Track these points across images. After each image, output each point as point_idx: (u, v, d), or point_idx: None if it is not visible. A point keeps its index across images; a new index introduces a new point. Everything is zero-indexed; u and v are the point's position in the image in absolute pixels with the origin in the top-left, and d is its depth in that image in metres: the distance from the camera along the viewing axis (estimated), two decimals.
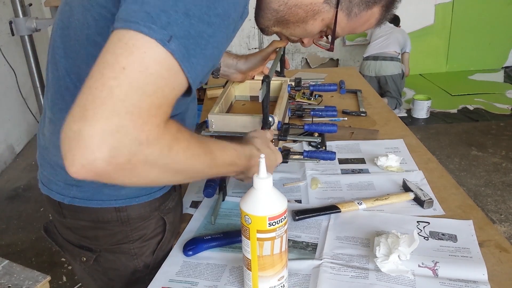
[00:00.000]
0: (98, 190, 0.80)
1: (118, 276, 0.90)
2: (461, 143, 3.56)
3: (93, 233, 0.84)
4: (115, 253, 0.86)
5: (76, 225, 0.85)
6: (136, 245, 0.86)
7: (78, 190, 0.80)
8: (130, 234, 0.85)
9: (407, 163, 1.19)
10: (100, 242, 0.85)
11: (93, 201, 0.80)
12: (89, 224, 0.83)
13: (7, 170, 3.38)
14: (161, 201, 0.87)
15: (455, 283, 0.76)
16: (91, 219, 0.82)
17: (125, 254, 0.87)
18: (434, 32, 5.10)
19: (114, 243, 0.85)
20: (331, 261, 0.83)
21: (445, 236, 0.89)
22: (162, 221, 0.88)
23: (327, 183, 1.11)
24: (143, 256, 0.88)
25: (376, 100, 1.71)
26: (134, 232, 0.85)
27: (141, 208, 0.84)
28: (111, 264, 0.88)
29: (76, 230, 0.86)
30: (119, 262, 0.87)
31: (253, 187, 0.68)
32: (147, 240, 0.87)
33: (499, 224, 2.56)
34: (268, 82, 0.88)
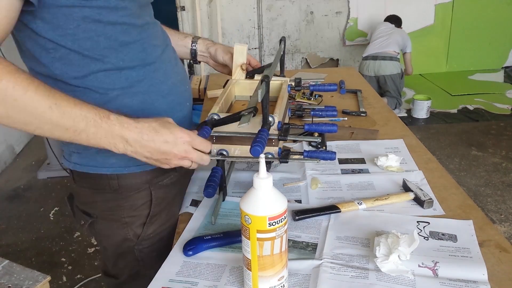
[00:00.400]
0: (93, 157, 0.88)
1: (111, 244, 0.98)
2: (461, 143, 3.56)
3: (92, 199, 0.93)
4: (108, 221, 0.94)
5: (81, 191, 0.95)
6: (127, 214, 0.93)
7: (77, 156, 0.89)
8: (121, 203, 0.91)
9: (407, 163, 1.19)
10: (97, 208, 0.94)
11: (89, 167, 0.89)
12: (89, 190, 0.93)
13: (7, 170, 3.38)
14: (154, 175, 0.92)
15: (455, 283, 0.76)
16: (91, 185, 0.91)
17: (116, 222, 0.93)
18: (434, 32, 5.10)
19: (107, 210, 0.93)
20: (331, 261, 0.83)
21: (445, 236, 0.89)
22: (150, 195, 0.92)
23: (327, 183, 1.11)
24: (133, 226, 0.94)
25: (376, 100, 1.71)
26: (124, 201, 0.91)
27: (131, 178, 0.90)
28: (105, 231, 0.96)
29: (81, 196, 0.96)
30: (111, 229, 0.95)
31: (253, 187, 0.68)
32: (136, 210, 0.93)
33: (499, 224, 2.56)
34: (267, 82, 0.88)
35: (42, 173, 3.21)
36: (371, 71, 4.05)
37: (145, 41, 0.86)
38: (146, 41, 0.87)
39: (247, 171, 1.18)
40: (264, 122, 0.93)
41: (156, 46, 0.89)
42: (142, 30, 0.85)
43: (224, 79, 1.22)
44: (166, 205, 0.98)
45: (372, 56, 4.04)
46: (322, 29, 5.01)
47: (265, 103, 0.91)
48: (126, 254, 0.99)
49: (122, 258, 1.01)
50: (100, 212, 0.94)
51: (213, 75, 2.16)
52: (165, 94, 0.91)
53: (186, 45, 1.18)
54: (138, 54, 0.85)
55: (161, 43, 0.92)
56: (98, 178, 0.90)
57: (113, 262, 1.03)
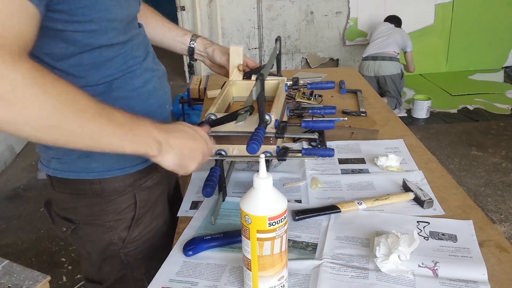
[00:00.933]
0: (73, 162, 0.86)
1: (95, 249, 0.97)
2: (461, 143, 3.56)
3: (73, 204, 0.92)
4: (92, 226, 0.93)
5: (61, 196, 0.92)
6: (111, 218, 0.92)
7: (57, 162, 0.88)
8: (104, 207, 0.91)
9: (407, 163, 1.19)
10: (79, 213, 0.92)
11: (70, 172, 0.87)
12: (70, 196, 0.91)
13: (7, 170, 3.38)
14: (137, 177, 0.92)
15: (455, 283, 0.76)
16: (71, 191, 0.90)
17: (101, 227, 0.93)
18: (434, 32, 5.11)
19: (90, 215, 0.92)
20: (331, 261, 0.83)
21: (445, 236, 0.89)
22: (134, 198, 0.92)
23: (327, 183, 1.11)
24: (118, 229, 0.93)
25: (376, 100, 1.71)
26: (108, 205, 0.91)
27: (114, 182, 0.89)
28: (88, 236, 0.95)
29: (60, 202, 0.94)
30: (95, 234, 0.94)
31: (253, 187, 0.68)
32: (120, 214, 0.92)
33: (499, 224, 2.56)
34: (261, 79, 0.88)
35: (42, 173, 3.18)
36: (371, 72, 4.04)
37: (128, 53, 0.86)
38: (129, 53, 0.87)
39: (247, 171, 1.18)
40: (261, 120, 0.93)
41: (137, 57, 0.89)
42: (126, 44, 0.85)
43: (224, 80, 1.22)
44: (150, 206, 0.98)
45: (372, 56, 4.03)
46: (322, 29, 5.01)
47: (261, 101, 0.91)
48: (112, 258, 0.98)
49: (107, 263, 0.99)
50: (83, 218, 0.93)
51: (213, 75, 2.16)
52: (145, 98, 0.91)
53: (184, 42, 1.18)
54: (120, 67, 0.85)
55: (142, 52, 0.91)
56: (80, 183, 0.88)
57: (98, 267, 1.01)
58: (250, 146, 0.83)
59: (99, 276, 1.02)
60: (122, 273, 1.00)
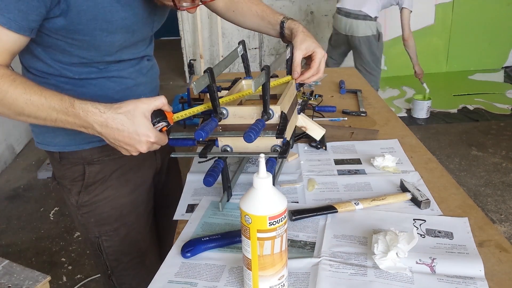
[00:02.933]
0: (42, 136, 1.06)
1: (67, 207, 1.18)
2: (461, 143, 3.56)
3: (53, 167, 1.14)
4: (60, 186, 1.13)
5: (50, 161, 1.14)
6: (68, 183, 1.10)
7: (37, 137, 1.08)
8: (64, 173, 1.10)
9: (403, 163, 1.19)
10: (55, 175, 1.14)
11: (43, 144, 1.08)
12: (51, 161, 1.12)
13: (7, 170, 3.38)
14: (90, 153, 1.07)
15: (453, 279, 0.76)
16: (51, 158, 1.11)
17: (64, 188, 1.12)
18: (434, 32, 5.10)
19: (59, 177, 1.12)
20: (329, 259, 0.83)
21: (441, 234, 0.89)
22: (83, 169, 1.08)
23: (324, 184, 1.11)
24: (72, 192, 1.11)
25: (376, 100, 1.71)
26: (66, 171, 1.09)
27: (72, 154, 1.07)
28: (59, 194, 1.17)
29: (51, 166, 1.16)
30: (62, 193, 1.15)
31: (253, 187, 0.68)
32: (74, 181, 1.10)
33: (499, 224, 2.56)
34: (267, 72, 0.91)
35: (42, 173, 3.21)
36: (343, 29, 3.47)
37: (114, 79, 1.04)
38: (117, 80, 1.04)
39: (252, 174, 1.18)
40: (264, 110, 0.94)
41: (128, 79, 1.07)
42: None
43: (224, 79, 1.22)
44: (101, 178, 1.10)
45: (346, 12, 3.40)
46: (322, 29, 5.01)
47: (266, 94, 0.92)
48: (73, 218, 1.19)
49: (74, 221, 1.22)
50: (57, 179, 1.14)
51: None
52: None
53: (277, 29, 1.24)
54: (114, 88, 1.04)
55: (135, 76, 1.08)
56: (51, 154, 1.09)
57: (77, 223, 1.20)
58: (247, 134, 0.86)
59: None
60: (82, 234, 1.21)
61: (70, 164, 1.08)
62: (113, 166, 1.11)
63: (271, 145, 0.98)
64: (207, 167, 0.98)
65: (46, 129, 1.03)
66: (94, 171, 1.09)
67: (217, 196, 1.07)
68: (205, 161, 1.02)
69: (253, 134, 0.85)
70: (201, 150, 1.00)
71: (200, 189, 1.11)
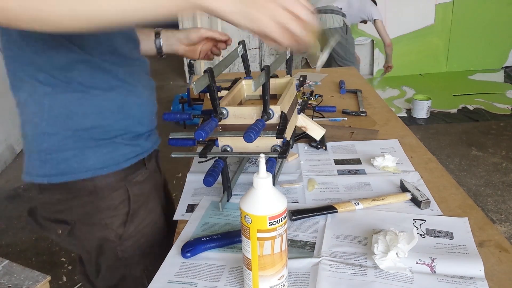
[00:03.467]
0: (68, 163, 0.84)
1: (93, 248, 0.95)
2: (461, 143, 3.56)
3: (67, 205, 0.89)
4: (87, 225, 0.92)
5: (51, 199, 0.90)
6: (106, 215, 0.91)
7: (51, 167, 0.85)
8: (99, 204, 0.89)
9: (403, 163, 1.19)
10: (73, 213, 0.90)
11: (66, 175, 0.85)
12: (62, 197, 0.88)
13: (7, 170, 3.38)
14: (128, 172, 0.92)
15: (453, 279, 0.76)
16: (64, 191, 0.88)
17: (96, 225, 0.91)
18: (434, 32, 5.11)
19: (85, 214, 0.90)
20: (329, 259, 0.83)
21: (441, 234, 0.89)
22: (127, 193, 0.92)
23: (324, 184, 1.11)
24: (114, 226, 0.92)
25: (376, 100, 1.71)
26: (102, 202, 0.89)
27: (107, 178, 0.88)
28: (85, 236, 0.93)
29: (51, 206, 0.91)
30: (92, 233, 0.93)
31: (253, 187, 0.68)
32: (115, 210, 0.91)
33: (499, 224, 2.56)
34: (267, 72, 0.91)
35: None
36: None
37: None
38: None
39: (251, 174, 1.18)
40: (264, 110, 0.94)
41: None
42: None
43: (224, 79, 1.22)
44: (144, 201, 0.97)
45: (318, 10, 3.62)
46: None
47: (266, 91, 0.92)
48: (109, 257, 0.97)
49: (104, 262, 0.98)
50: (78, 217, 0.91)
51: None
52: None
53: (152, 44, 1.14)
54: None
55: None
56: (74, 183, 0.87)
57: (96, 269, 0.99)
58: (247, 134, 0.86)
59: (99, 279, 1.01)
60: (120, 272, 0.99)
61: (109, 190, 0.89)
62: (148, 185, 0.98)
63: (271, 145, 0.98)
64: (207, 167, 0.98)
65: (73, 152, 0.83)
66: (137, 193, 0.94)
67: (217, 196, 1.07)
68: (205, 161, 1.02)
69: (253, 134, 0.85)
70: (201, 150, 1.00)
71: (200, 189, 1.11)
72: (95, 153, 0.85)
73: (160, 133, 1.07)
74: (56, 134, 0.83)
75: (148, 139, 0.97)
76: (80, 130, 0.84)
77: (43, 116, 0.82)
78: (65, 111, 0.81)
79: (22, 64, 0.80)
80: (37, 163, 0.87)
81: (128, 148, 0.89)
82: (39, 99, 0.81)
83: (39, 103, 0.82)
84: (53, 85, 0.80)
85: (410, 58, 5.11)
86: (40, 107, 0.82)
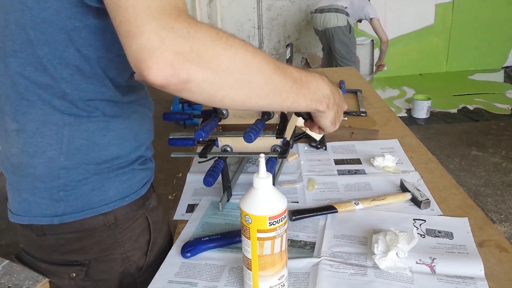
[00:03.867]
0: (87, 198, 0.76)
1: (110, 285, 0.86)
2: (461, 143, 3.56)
3: (79, 244, 0.80)
4: (105, 262, 0.83)
5: (59, 240, 0.79)
6: (127, 248, 0.84)
7: (65, 205, 0.76)
8: (119, 238, 0.82)
9: (403, 163, 1.19)
10: (88, 252, 0.81)
11: (84, 211, 0.77)
12: (73, 235, 0.79)
13: None
14: (145, 199, 0.86)
15: (453, 279, 0.76)
16: (76, 230, 0.78)
17: (116, 261, 0.83)
18: (434, 32, 5.11)
19: (103, 251, 0.81)
20: (329, 259, 0.83)
21: (441, 234, 0.89)
22: (147, 220, 0.86)
23: (324, 184, 1.11)
24: (135, 258, 0.86)
25: (376, 100, 1.71)
26: (122, 234, 0.82)
27: (127, 208, 0.82)
28: (102, 274, 0.84)
29: (59, 247, 0.81)
30: (110, 270, 0.84)
31: (253, 187, 0.68)
32: (136, 241, 0.85)
33: (499, 224, 2.56)
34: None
35: None
36: (319, 25, 3.81)
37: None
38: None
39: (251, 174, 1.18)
40: (264, 112, 0.94)
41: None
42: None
43: None
44: (160, 227, 0.92)
45: (320, 9, 3.78)
46: None
47: None
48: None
49: None
50: (94, 255, 0.82)
51: None
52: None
53: None
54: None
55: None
56: (87, 220, 0.78)
57: None
58: (247, 134, 0.85)
59: None
60: None
61: (129, 221, 0.82)
62: (160, 209, 0.92)
63: (271, 145, 0.98)
64: (207, 167, 0.98)
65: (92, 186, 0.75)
66: (155, 220, 0.88)
67: (217, 196, 1.07)
68: (205, 161, 1.02)
69: (253, 134, 0.85)
70: (201, 150, 1.00)
71: (200, 189, 1.11)
72: (114, 183, 0.79)
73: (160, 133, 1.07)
74: (76, 169, 0.74)
75: (152, 161, 0.92)
76: (102, 163, 0.76)
77: (61, 149, 0.73)
78: (87, 143, 0.74)
79: (38, 87, 0.70)
80: (45, 202, 0.76)
81: (143, 173, 0.83)
82: (56, 130, 0.72)
83: (57, 134, 0.72)
84: (75, 114, 0.72)
85: (410, 58, 5.11)
86: (57, 139, 0.72)
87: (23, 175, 0.76)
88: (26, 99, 0.70)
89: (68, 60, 0.68)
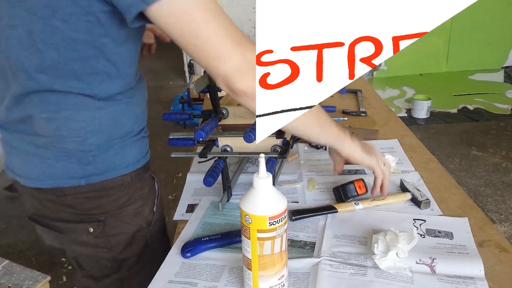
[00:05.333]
0: (111, 161, 0.86)
1: (119, 240, 0.95)
2: (461, 143, 3.56)
3: (97, 202, 0.89)
4: (118, 217, 0.92)
5: (78, 199, 0.88)
6: (138, 205, 0.94)
7: (93, 167, 0.85)
8: (132, 196, 0.92)
9: (403, 163, 1.19)
10: (104, 209, 0.90)
11: (108, 173, 0.87)
12: (92, 194, 0.88)
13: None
14: (149, 163, 0.97)
15: (453, 279, 0.76)
16: (97, 189, 0.87)
17: (128, 216, 0.93)
18: (434, 32, 5.10)
19: (118, 207, 0.91)
20: (329, 259, 0.83)
21: (441, 234, 0.89)
22: (153, 180, 0.98)
23: (324, 184, 1.11)
24: (145, 213, 0.96)
25: (376, 100, 1.71)
26: (135, 193, 0.92)
27: (138, 170, 0.92)
28: (115, 229, 0.93)
29: (78, 205, 0.89)
30: (123, 225, 0.94)
31: (253, 187, 0.68)
32: (146, 199, 0.96)
33: (499, 224, 2.56)
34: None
35: None
36: None
37: None
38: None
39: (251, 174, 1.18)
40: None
41: None
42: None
43: None
44: (161, 186, 1.02)
45: None
46: None
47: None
48: (138, 244, 0.98)
49: (132, 250, 0.97)
50: (110, 211, 0.91)
51: None
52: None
53: None
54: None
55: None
56: (107, 181, 0.87)
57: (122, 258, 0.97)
58: (247, 134, 0.86)
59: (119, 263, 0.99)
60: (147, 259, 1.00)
61: (140, 181, 0.93)
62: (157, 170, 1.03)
63: (271, 145, 0.98)
64: (207, 167, 0.98)
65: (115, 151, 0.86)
66: (158, 179, 1.00)
67: (217, 196, 1.07)
68: (205, 161, 1.02)
69: (253, 134, 0.85)
70: (201, 150, 1.00)
71: (200, 189, 1.11)
72: (131, 149, 0.90)
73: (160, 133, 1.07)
74: (104, 143, 0.85)
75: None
76: (123, 136, 0.88)
77: (93, 129, 0.82)
78: (112, 122, 0.84)
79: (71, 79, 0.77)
80: (73, 166, 0.84)
81: (147, 140, 0.95)
82: (89, 114, 0.81)
83: (90, 117, 0.81)
84: (105, 99, 0.82)
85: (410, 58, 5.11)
86: (90, 122, 0.81)
87: (53, 150, 0.83)
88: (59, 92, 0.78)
89: (99, 70, 0.77)
